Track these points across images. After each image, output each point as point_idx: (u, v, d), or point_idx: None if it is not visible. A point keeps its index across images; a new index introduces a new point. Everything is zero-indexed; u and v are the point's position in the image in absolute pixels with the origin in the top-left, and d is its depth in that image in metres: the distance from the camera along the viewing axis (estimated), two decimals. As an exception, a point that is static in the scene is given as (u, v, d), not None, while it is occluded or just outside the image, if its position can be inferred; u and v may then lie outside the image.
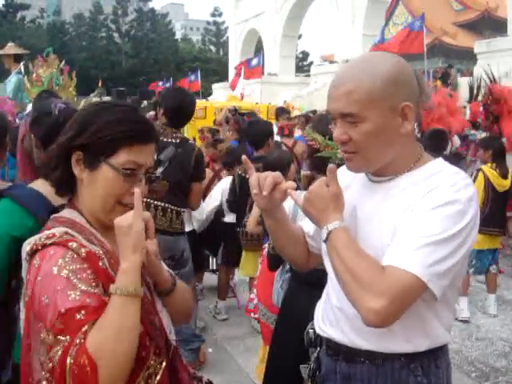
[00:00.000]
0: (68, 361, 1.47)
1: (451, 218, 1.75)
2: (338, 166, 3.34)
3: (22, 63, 10.71)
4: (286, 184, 1.97)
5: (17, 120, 7.17)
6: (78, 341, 1.49)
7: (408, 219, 1.79)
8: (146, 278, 1.88)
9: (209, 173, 6.91)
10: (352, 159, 1.94)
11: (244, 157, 2.16)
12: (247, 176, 5.50)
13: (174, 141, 4.85)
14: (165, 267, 1.98)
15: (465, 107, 11.19)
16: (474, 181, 6.57)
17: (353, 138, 1.87)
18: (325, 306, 2.13)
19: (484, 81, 9.48)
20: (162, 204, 4.80)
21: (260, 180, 1.96)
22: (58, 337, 1.51)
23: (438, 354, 1.98)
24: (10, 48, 11.00)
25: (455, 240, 1.74)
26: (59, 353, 1.50)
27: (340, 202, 1.89)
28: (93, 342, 1.50)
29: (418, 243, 1.73)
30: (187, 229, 5.52)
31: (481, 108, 9.23)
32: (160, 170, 4.77)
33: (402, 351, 1.92)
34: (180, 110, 4.95)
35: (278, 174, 1.98)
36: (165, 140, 4.82)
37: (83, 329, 1.51)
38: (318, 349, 2.17)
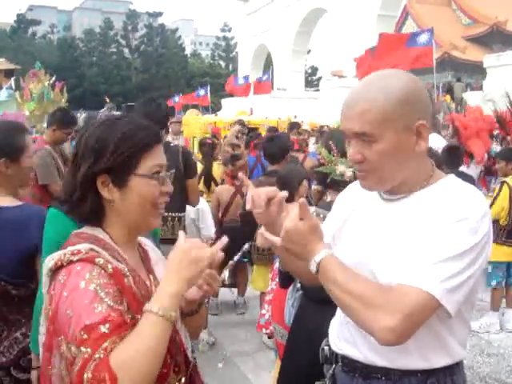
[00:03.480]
0: (85, 376, 1.45)
1: (462, 235, 1.73)
2: (337, 181, 3.39)
3: (12, 78, 10.78)
4: (279, 195, 1.92)
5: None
6: (97, 355, 1.47)
7: (419, 238, 1.78)
8: None
9: (230, 189, 6.92)
10: (366, 178, 1.92)
11: (240, 174, 2.17)
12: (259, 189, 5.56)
13: None
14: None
15: None
16: (499, 193, 6.53)
17: (367, 158, 1.85)
18: (340, 323, 2.12)
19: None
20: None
21: (254, 196, 1.93)
22: (81, 348, 1.48)
23: (454, 370, 1.96)
24: (1, 63, 11.10)
25: (467, 256, 1.72)
26: (78, 366, 1.47)
27: (318, 232, 1.85)
28: (118, 358, 1.47)
29: (430, 261, 1.71)
30: None
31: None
32: None
33: (418, 368, 1.90)
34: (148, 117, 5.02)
35: (272, 189, 1.95)
36: None
37: (104, 344, 1.49)
38: (334, 365, 2.15)
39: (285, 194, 1.93)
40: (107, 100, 30.39)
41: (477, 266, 1.76)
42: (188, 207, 5.28)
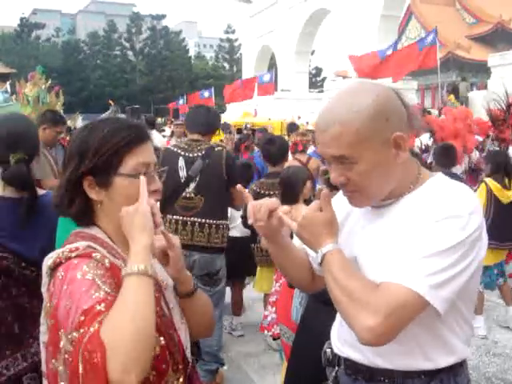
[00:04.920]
0: (80, 349, 1.45)
1: (449, 231, 1.71)
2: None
3: (8, 82, 10.79)
4: (281, 209, 1.92)
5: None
6: (91, 329, 1.46)
7: (407, 237, 1.77)
8: (166, 297, 1.88)
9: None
10: (354, 198, 1.92)
11: (239, 186, 2.14)
12: (262, 192, 5.55)
13: (199, 154, 4.85)
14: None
15: None
16: (475, 190, 6.45)
17: (351, 179, 1.84)
18: (341, 325, 2.10)
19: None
20: (199, 219, 4.79)
21: (255, 209, 1.92)
22: (80, 330, 1.48)
23: (457, 370, 1.94)
24: None
25: (454, 253, 1.70)
26: (75, 346, 1.47)
27: (334, 226, 1.86)
28: (105, 327, 1.46)
29: (413, 258, 1.70)
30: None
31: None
32: (192, 185, 4.80)
33: (421, 369, 1.88)
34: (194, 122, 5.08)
35: (273, 200, 1.94)
36: (191, 155, 4.85)
37: (99, 318, 1.49)
38: (336, 368, 2.14)
39: (286, 208, 1.93)
40: (111, 103, 30.42)
41: (467, 262, 1.73)
42: None
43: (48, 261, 1.70)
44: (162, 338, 1.68)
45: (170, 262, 1.85)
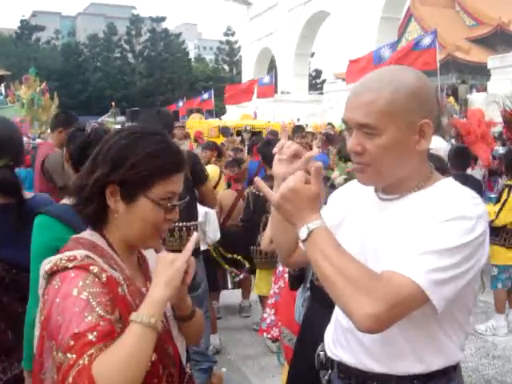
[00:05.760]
0: (67, 381, 1.45)
1: (458, 231, 1.70)
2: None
3: (2, 85, 10.81)
4: (307, 154, 1.83)
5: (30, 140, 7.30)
6: (81, 361, 1.46)
7: (413, 233, 1.75)
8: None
9: (232, 194, 6.89)
10: (364, 171, 1.88)
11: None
12: (261, 194, 5.54)
13: None
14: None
15: None
16: (507, 198, 6.32)
17: (368, 150, 1.81)
18: (335, 328, 2.09)
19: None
20: None
21: (284, 144, 1.88)
22: (67, 354, 1.48)
23: (451, 374, 1.93)
24: None
25: (460, 253, 1.69)
26: (62, 372, 1.48)
27: (319, 203, 1.78)
28: (99, 365, 1.47)
29: (420, 251, 1.68)
30: (202, 247, 5.41)
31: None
32: None
33: (414, 372, 1.87)
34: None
35: (300, 148, 1.87)
36: None
37: (89, 351, 1.48)
38: (330, 371, 2.13)
39: (319, 164, 1.81)
40: (113, 105, 30.47)
41: (469, 265, 1.72)
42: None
43: (46, 265, 1.68)
44: (153, 354, 1.65)
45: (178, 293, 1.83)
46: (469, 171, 7.68)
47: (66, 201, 2.46)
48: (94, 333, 1.51)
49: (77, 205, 1.81)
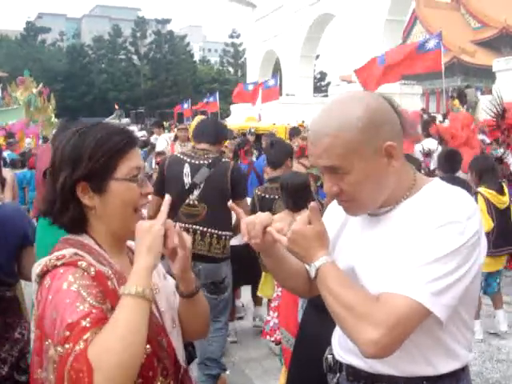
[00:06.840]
0: (66, 368, 1.45)
1: (448, 237, 1.70)
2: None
3: None
4: (274, 226, 1.91)
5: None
6: (77, 347, 1.46)
7: (406, 246, 1.75)
8: (157, 301, 1.88)
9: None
10: (350, 207, 1.91)
11: (230, 203, 2.18)
12: (267, 196, 5.54)
13: (205, 162, 4.82)
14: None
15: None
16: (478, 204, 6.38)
17: (343, 189, 1.84)
18: (342, 331, 2.10)
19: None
20: (201, 228, 4.75)
21: (249, 227, 1.92)
22: (65, 345, 1.48)
23: (459, 376, 1.93)
24: None
25: (454, 259, 1.69)
26: (61, 362, 1.47)
27: (324, 239, 1.85)
28: (95, 347, 1.47)
29: (413, 266, 1.69)
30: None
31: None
32: (196, 193, 4.77)
33: (423, 374, 1.87)
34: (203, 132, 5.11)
35: (266, 216, 1.94)
36: (197, 162, 4.83)
37: (85, 336, 1.49)
38: (338, 374, 2.12)
39: (278, 226, 1.91)
40: (117, 107, 30.53)
41: (466, 268, 1.72)
42: None
43: (36, 268, 1.70)
44: (148, 346, 1.66)
45: (179, 261, 1.84)
46: (461, 175, 7.61)
47: None
48: (88, 319, 1.52)
49: (54, 219, 1.84)
